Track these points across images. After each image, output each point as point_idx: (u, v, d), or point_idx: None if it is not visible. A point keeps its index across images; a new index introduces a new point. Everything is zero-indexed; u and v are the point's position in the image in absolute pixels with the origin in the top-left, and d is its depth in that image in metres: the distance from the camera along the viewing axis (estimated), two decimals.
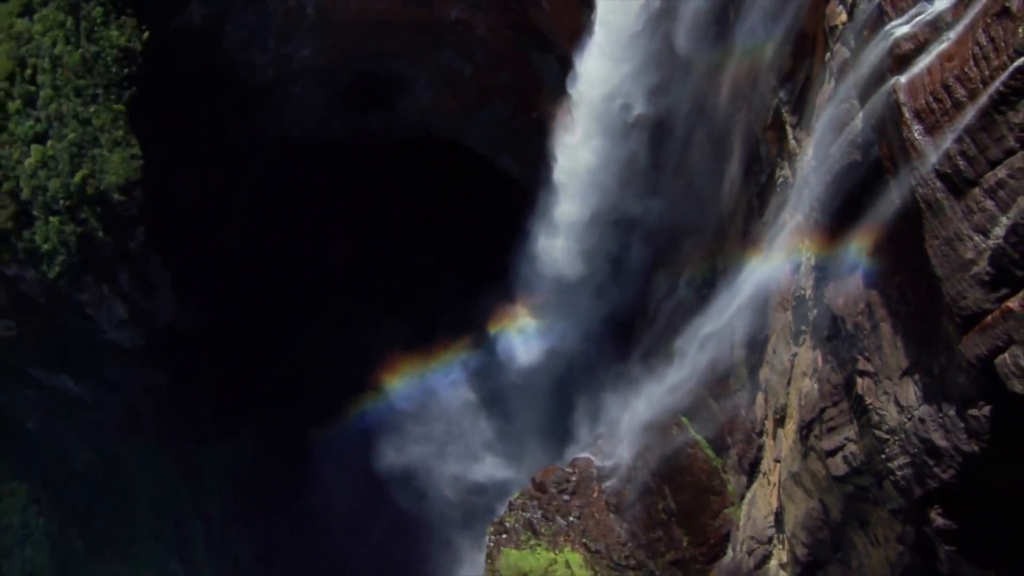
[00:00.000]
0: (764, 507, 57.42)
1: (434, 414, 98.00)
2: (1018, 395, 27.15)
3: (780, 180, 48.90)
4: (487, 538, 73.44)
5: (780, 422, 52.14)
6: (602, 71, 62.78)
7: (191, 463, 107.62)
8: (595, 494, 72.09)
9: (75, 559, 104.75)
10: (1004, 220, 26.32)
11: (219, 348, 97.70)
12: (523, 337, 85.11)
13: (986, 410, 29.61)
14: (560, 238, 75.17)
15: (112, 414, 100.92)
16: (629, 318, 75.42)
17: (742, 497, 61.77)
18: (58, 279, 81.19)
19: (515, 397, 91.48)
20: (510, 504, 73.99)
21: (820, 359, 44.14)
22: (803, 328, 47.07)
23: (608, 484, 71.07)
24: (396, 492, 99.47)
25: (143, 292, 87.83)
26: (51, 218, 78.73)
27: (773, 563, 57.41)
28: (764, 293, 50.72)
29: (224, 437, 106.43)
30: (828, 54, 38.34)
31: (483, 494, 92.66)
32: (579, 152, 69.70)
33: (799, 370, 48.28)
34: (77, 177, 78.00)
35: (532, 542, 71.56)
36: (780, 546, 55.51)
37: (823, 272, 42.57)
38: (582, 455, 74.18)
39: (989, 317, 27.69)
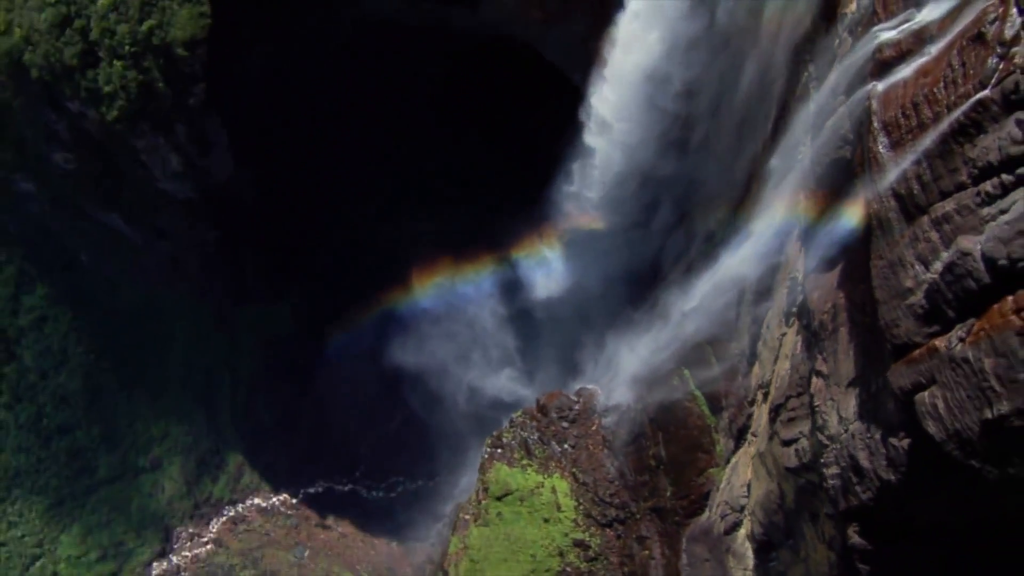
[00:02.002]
0: (742, 476, 56.84)
1: (459, 321, 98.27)
2: (932, 436, 26.25)
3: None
4: (484, 449, 74.00)
5: (765, 397, 51.29)
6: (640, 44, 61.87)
7: (229, 320, 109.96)
8: (593, 427, 72.10)
9: (106, 393, 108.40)
10: (944, 255, 25.12)
11: (269, 215, 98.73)
12: (547, 268, 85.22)
13: (905, 442, 28.76)
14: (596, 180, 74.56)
15: (159, 260, 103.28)
16: (648, 270, 74.54)
17: (727, 461, 61.15)
18: (115, 122, 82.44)
19: (539, 319, 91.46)
20: (511, 420, 74.45)
21: (799, 346, 43.07)
22: (792, 310, 45.87)
23: (607, 420, 70.99)
24: (411, 390, 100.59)
25: (199, 148, 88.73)
26: (115, 62, 79.61)
27: (742, 532, 57.00)
28: (765, 257, 49.46)
29: (264, 300, 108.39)
30: (837, 40, 36.47)
31: (497, 404, 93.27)
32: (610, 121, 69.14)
33: (784, 350, 47.23)
34: (145, 26, 78.49)
35: (524, 461, 72.02)
36: (749, 517, 55.09)
37: (810, 241, 41.09)
38: (590, 386, 73.95)
39: (917, 351, 26.65)
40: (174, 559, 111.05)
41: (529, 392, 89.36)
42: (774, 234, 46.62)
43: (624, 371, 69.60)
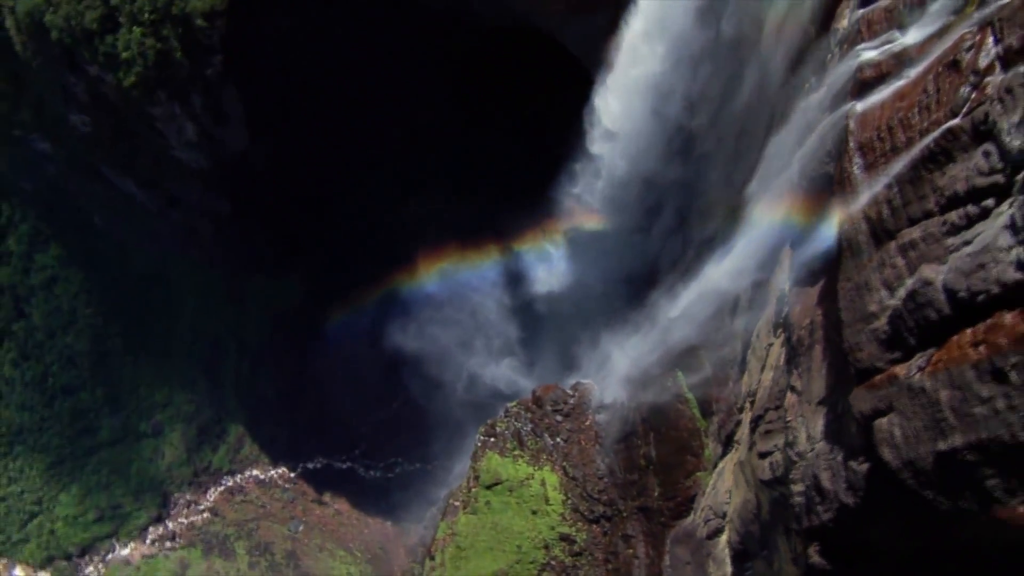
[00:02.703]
0: (727, 482, 56.52)
1: (462, 308, 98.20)
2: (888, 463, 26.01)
3: None
4: (477, 437, 74.03)
5: (751, 406, 50.95)
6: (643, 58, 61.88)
7: (239, 291, 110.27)
8: (587, 422, 71.95)
9: (112, 356, 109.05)
10: (908, 282, 24.80)
11: (281, 189, 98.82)
12: (549, 263, 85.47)
13: (864, 467, 28.49)
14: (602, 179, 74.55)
15: (172, 227, 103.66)
16: (648, 273, 74.31)
17: (715, 466, 60.82)
18: (132, 88, 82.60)
19: (540, 312, 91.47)
20: (506, 410, 74.42)
21: (782, 358, 42.72)
22: (780, 321, 45.49)
23: (600, 417, 70.77)
24: (411, 375, 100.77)
25: (214, 119, 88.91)
26: (135, 28, 79.65)
27: (723, 539, 56.71)
28: (746, 273, 49.17)
29: (274, 273, 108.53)
30: (829, 55, 35.99)
31: (496, 393, 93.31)
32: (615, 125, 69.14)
33: (770, 361, 46.83)
34: None
35: (516, 452, 72.03)
36: (728, 525, 54.88)
37: (796, 243, 40.68)
38: (586, 381, 73.77)
39: (878, 377, 26.36)
40: (170, 525, 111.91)
41: (528, 383, 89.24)
42: (758, 248, 46.27)
43: (616, 370, 69.41)
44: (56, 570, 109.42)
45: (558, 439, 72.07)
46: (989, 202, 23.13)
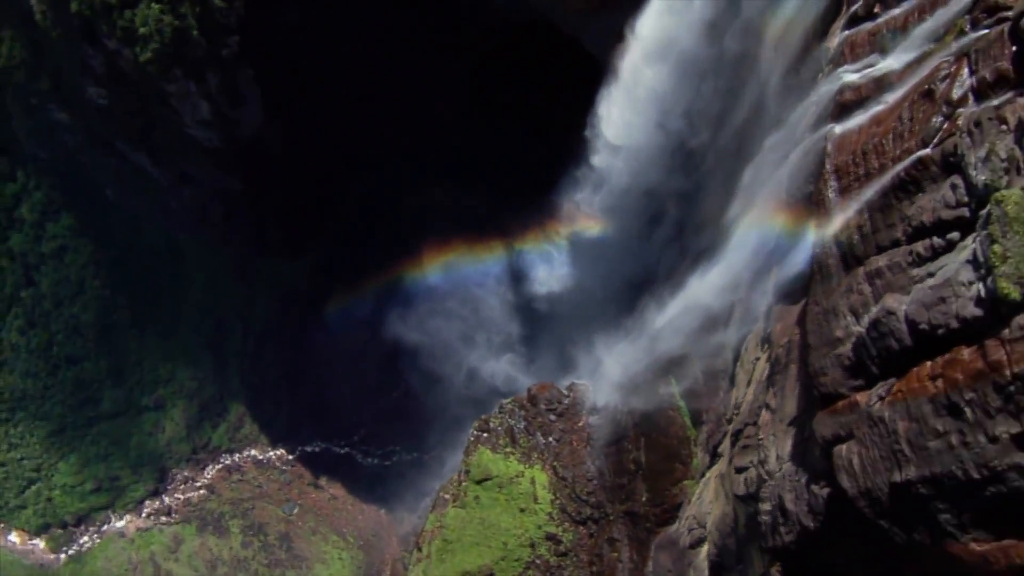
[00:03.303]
0: (711, 493, 56.43)
1: (466, 302, 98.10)
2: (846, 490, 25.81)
3: None
4: (471, 431, 74.01)
5: (736, 418, 50.71)
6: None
7: (247, 271, 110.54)
8: (580, 423, 71.77)
9: (118, 328, 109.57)
10: (872, 311, 24.57)
11: (294, 172, 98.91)
12: (552, 264, 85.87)
13: (825, 491, 28.32)
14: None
15: (183, 204, 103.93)
16: (646, 280, 74.17)
17: (702, 475, 60.71)
18: (148, 64, 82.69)
19: (542, 311, 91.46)
20: (500, 406, 74.25)
21: (764, 374, 42.46)
22: (766, 337, 45.20)
23: (594, 419, 70.61)
24: (410, 366, 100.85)
25: (229, 99, 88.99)
26: (153, 4, 79.81)
27: (704, 549, 56.59)
28: (727, 290, 48.96)
29: (283, 255, 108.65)
30: (820, 73, 35.62)
31: (495, 389, 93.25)
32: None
33: (755, 375, 46.59)
34: None
35: (508, 449, 71.92)
36: (708, 536, 54.70)
37: (778, 261, 40.42)
38: (581, 382, 73.64)
39: (840, 403, 26.16)
40: (166, 500, 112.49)
41: (527, 379, 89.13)
42: (742, 263, 46.07)
43: (608, 375, 69.39)
44: (51, 538, 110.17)
45: (550, 438, 71.96)
46: (954, 235, 22.89)
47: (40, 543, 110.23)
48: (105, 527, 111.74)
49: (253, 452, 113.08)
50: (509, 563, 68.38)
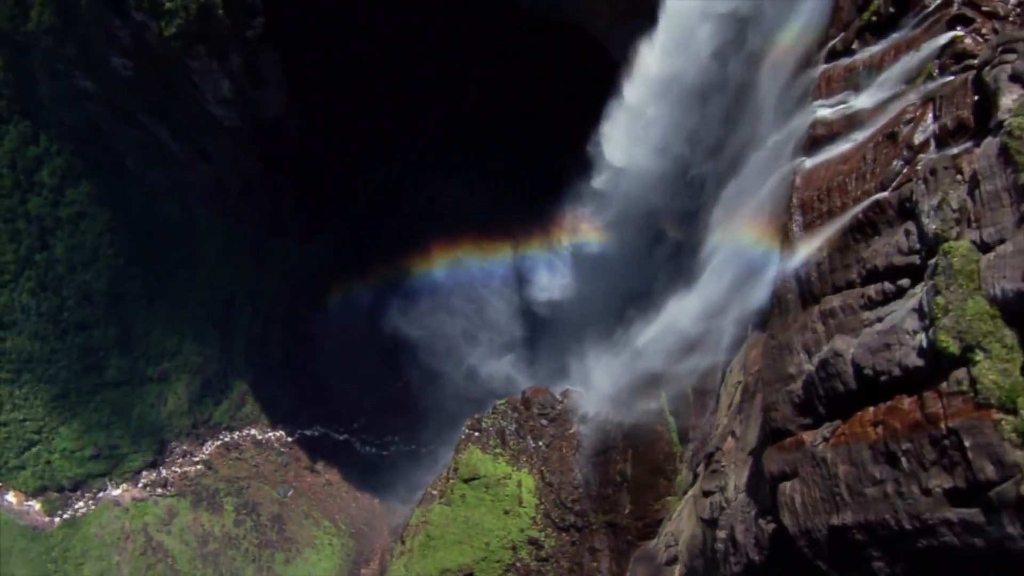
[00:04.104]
0: (687, 511, 56.18)
1: (471, 300, 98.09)
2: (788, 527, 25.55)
3: None
4: (463, 429, 73.98)
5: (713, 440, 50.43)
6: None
7: (260, 251, 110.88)
8: (570, 430, 71.69)
9: (128, 298, 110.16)
10: (824, 350, 24.28)
11: (311, 157, 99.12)
12: (556, 272, 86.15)
13: (771, 527, 28.05)
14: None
15: (201, 180, 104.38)
16: (645, 295, 74.18)
17: (684, 492, 60.46)
18: (172, 39, 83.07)
19: (544, 316, 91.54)
20: (494, 407, 74.22)
21: (736, 400, 42.17)
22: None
23: (584, 427, 70.48)
24: (414, 358, 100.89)
25: (251, 80, 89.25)
26: None
27: (678, 567, 56.37)
28: (703, 316, 48.75)
29: (296, 236, 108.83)
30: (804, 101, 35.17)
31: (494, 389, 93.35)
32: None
33: (735, 399, 46.25)
34: None
35: (498, 450, 71.90)
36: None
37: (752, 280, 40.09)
38: (576, 389, 73.50)
39: (788, 440, 25.90)
40: (163, 472, 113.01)
41: (526, 381, 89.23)
42: (717, 293, 45.87)
43: (597, 386, 69.36)
44: (47, 500, 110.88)
45: (540, 443, 71.91)
46: (904, 282, 22.62)
47: (36, 505, 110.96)
48: (101, 494, 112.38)
49: (253, 432, 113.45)
50: (490, 564, 68.42)
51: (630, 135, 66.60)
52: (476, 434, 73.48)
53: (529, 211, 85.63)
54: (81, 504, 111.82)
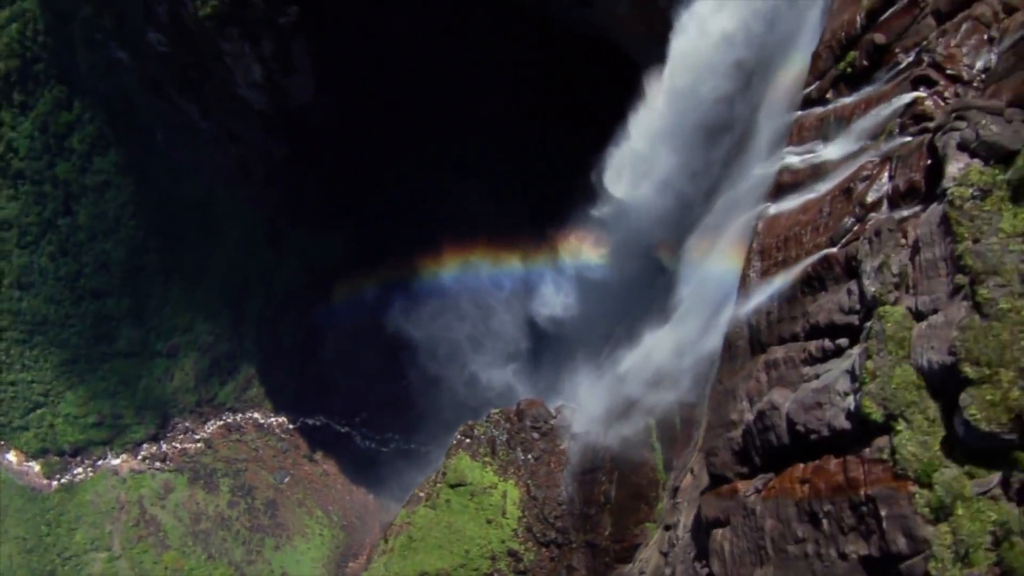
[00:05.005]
0: (657, 541, 55.79)
1: (479, 306, 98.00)
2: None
3: None
4: (455, 434, 73.92)
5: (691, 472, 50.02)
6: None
7: (280, 237, 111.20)
8: (560, 446, 71.35)
9: (145, 271, 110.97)
10: (763, 400, 23.91)
11: (338, 148, 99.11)
12: (561, 289, 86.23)
13: (704, 571, 27.62)
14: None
15: (227, 160, 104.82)
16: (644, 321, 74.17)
17: (663, 520, 60.15)
18: (207, 19, 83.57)
19: (547, 330, 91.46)
20: (487, 415, 74.09)
21: (701, 437, 41.80)
22: None
23: (574, 445, 70.19)
24: (418, 357, 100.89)
25: (282, 66, 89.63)
26: None
27: None
28: (680, 349, 48.42)
29: (320, 226, 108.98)
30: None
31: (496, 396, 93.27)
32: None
33: (701, 436, 45.87)
34: None
35: (487, 459, 71.67)
36: None
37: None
38: (570, 406, 73.23)
39: (725, 487, 25.53)
40: (164, 446, 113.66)
41: (526, 391, 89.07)
42: (686, 331, 45.56)
43: (585, 405, 69.29)
44: (47, 463, 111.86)
45: (529, 456, 71.63)
46: (843, 341, 22.20)
47: (35, 467, 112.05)
48: (100, 462, 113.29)
49: (255, 415, 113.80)
50: (468, 571, 68.24)
51: (634, 169, 66.51)
52: (468, 440, 73.24)
53: (536, 226, 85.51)
54: (80, 470, 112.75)
